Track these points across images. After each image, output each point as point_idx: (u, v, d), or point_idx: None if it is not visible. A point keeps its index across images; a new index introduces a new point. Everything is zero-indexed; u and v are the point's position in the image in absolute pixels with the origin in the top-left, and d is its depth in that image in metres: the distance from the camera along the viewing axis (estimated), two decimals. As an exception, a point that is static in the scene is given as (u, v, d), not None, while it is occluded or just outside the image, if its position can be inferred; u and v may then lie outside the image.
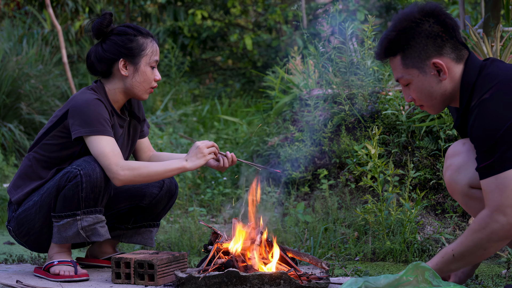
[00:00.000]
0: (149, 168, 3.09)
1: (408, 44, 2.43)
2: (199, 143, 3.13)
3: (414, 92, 2.48)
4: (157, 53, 3.26)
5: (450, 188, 2.50)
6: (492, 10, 5.31)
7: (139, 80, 3.21)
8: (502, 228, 2.28)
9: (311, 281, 2.86)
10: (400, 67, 2.48)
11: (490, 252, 2.37)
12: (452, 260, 2.40)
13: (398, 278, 2.32)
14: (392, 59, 2.50)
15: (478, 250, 2.35)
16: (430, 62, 2.42)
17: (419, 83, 2.46)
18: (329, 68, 5.11)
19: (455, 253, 2.38)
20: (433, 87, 2.45)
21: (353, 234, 4.05)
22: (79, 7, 10.20)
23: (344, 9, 8.48)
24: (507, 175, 2.27)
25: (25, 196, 3.24)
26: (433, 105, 2.49)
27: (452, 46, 2.43)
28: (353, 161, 4.45)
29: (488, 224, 2.30)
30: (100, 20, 3.22)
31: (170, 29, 10.44)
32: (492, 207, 2.29)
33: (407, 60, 2.45)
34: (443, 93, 2.45)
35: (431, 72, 2.43)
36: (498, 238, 2.30)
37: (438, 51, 2.42)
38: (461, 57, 2.45)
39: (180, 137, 6.47)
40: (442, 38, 2.41)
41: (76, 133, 3.10)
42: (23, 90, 7.67)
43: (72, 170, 3.10)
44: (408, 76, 2.47)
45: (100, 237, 3.19)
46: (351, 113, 4.80)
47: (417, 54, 2.43)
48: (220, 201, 5.14)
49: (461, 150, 2.50)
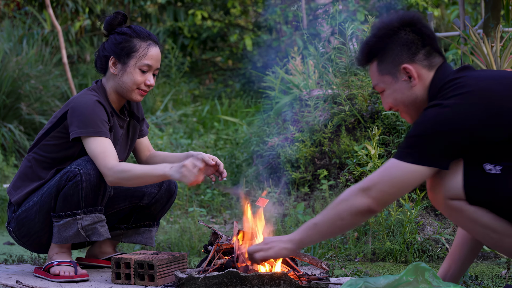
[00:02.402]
0: (133, 171, 3.04)
1: (384, 50, 2.51)
2: (188, 162, 2.99)
3: (389, 98, 2.55)
4: (150, 58, 3.20)
5: (435, 205, 2.56)
6: (492, 10, 5.32)
7: (125, 80, 3.21)
8: (361, 205, 2.39)
9: (311, 282, 2.86)
10: (376, 74, 2.55)
11: (347, 225, 2.45)
12: (313, 229, 2.48)
13: (398, 278, 2.32)
14: (370, 65, 2.57)
15: (337, 220, 2.44)
16: (401, 68, 2.48)
17: (392, 89, 2.52)
18: (329, 69, 5.11)
19: (317, 223, 2.47)
20: (404, 93, 2.51)
21: (353, 234, 4.05)
22: (79, 7, 10.20)
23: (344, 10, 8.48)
24: (394, 165, 2.37)
25: (25, 196, 3.24)
26: (407, 111, 2.55)
27: (425, 53, 2.49)
28: (353, 161, 4.45)
29: (351, 197, 2.41)
30: (112, 17, 3.27)
31: (170, 29, 10.44)
32: (360, 184, 2.41)
33: (382, 66, 2.52)
34: (415, 99, 2.51)
35: (402, 78, 2.50)
36: (356, 213, 2.40)
37: (411, 58, 2.49)
38: (434, 64, 2.51)
39: None
40: (416, 46, 2.49)
41: (73, 134, 3.11)
42: (23, 91, 7.67)
43: (72, 170, 3.11)
44: (382, 83, 2.54)
45: (100, 236, 3.19)
46: (351, 113, 4.80)
47: (391, 60, 2.50)
48: (220, 201, 5.14)
49: None
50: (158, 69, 3.27)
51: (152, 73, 3.25)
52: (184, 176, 2.96)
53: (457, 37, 5.83)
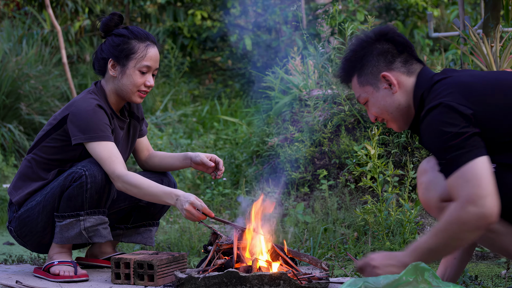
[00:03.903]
0: (142, 189, 3.07)
1: (362, 62, 2.56)
2: (188, 205, 2.99)
3: (373, 108, 2.58)
4: (149, 59, 3.20)
5: (425, 206, 2.56)
6: (491, 10, 5.31)
7: (125, 82, 3.21)
8: (474, 218, 2.29)
9: (311, 282, 2.86)
10: (357, 86, 2.59)
11: (466, 242, 2.38)
12: (430, 254, 2.43)
13: (397, 278, 2.32)
14: (352, 80, 2.61)
15: (453, 242, 2.37)
16: (381, 76, 2.53)
17: (374, 99, 2.56)
18: (329, 69, 5.11)
19: (431, 247, 2.40)
20: (387, 101, 2.54)
21: (353, 234, 4.05)
22: (79, 7, 10.20)
23: (344, 10, 8.47)
24: (470, 167, 2.30)
25: (26, 196, 3.24)
26: (393, 119, 2.57)
27: (402, 61, 2.54)
28: (353, 161, 4.45)
29: (460, 215, 2.31)
30: (108, 18, 3.26)
31: (169, 29, 10.44)
32: (461, 199, 2.31)
33: (361, 78, 2.57)
34: (398, 106, 2.54)
35: (383, 87, 2.54)
36: (471, 229, 2.31)
37: (388, 66, 2.53)
38: (413, 70, 2.54)
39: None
40: (392, 54, 2.54)
41: (76, 139, 3.12)
42: (23, 91, 7.67)
43: (77, 171, 3.11)
44: (364, 94, 2.58)
45: (102, 238, 3.19)
46: (351, 113, 4.80)
47: (370, 71, 2.55)
48: (219, 201, 5.14)
49: (426, 168, 2.57)
50: (157, 69, 3.27)
51: (152, 73, 3.25)
52: (187, 217, 3.01)
53: (457, 37, 5.83)
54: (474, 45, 4.37)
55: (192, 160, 3.37)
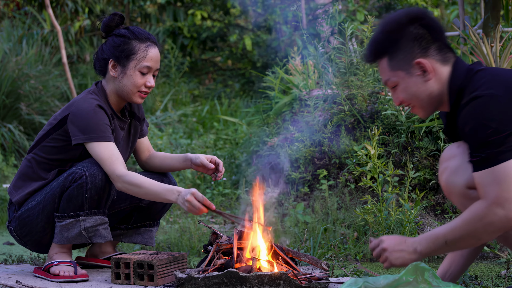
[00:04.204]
0: (143, 188, 3.06)
1: (395, 46, 2.48)
2: (189, 196, 2.97)
3: (401, 93, 2.53)
4: (149, 59, 3.20)
5: (447, 191, 2.51)
6: (491, 10, 5.32)
7: (126, 83, 3.21)
8: (499, 220, 2.29)
9: (311, 281, 2.86)
10: (387, 70, 2.52)
11: (483, 242, 2.38)
12: (443, 246, 2.41)
13: (397, 278, 2.32)
14: (379, 61, 2.54)
15: (471, 239, 2.36)
16: (414, 62, 2.46)
17: (405, 84, 2.50)
18: (329, 69, 5.11)
19: (448, 240, 2.39)
20: (419, 88, 2.49)
21: (353, 234, 4.05)
22: (79, 7, 10.20)
23: (344, 10, 8.48)
24: (504, 168, 2.28)
25: (26, 196, 3.25)
26: (422, 106, 2.53)
27: (437, 48, 2.48)
28: (353, 161, 4.45)
29: (486, 215, 2.30)
30: (109, 18, 3.25)
31: (169, 29, 10.44)
32: (490, 199, 2.30)
33: (393, 62, 2.50)
34: (430, 94, 2.49)
35: (416, 73, 2.48)
36: (494, 230, 2.31)
37: (423, 53, 2.47)
38: (447, 59, 2.49)
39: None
40: (427, 40, 2.47)
41: (76, 140, 3.12)
42: (23, 91, 7.67)
43: (78, 171, 3.11)
44: (394, 78, 2.51)
45: (102, 238, 3.19)
46: (351, 113, 4.80)
47: (403, 56, 2.48)
48: (219, 201, 5.14)
49: (456, 153, 2.52)
50: (157, 70, 3.27)
51: (152, 74, 3.25)
52: (189, 209, 2.98)
53: (457, 37, 5.83)
54: (474, 45, 4.37)
55: (192, 161, 3.38)
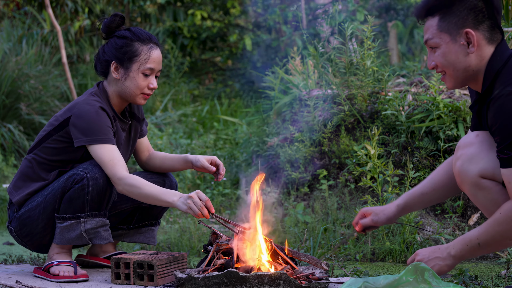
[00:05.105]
0: (143, 191, 3.05)
1: (451, 8, 2.44)
2: (193, 193, 2.99)
3: (439, 57, 2.49)
4: (152, 61, 3.20)
5: (460, 178, 2.48)
6: (491, 10, 5.31)
7: (129, 85, 3.20)
8: None
9: (311, 281, 2.86)
10: (434, 29, 2.48)
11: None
12: (477, 249, 2.39)
13: (397, 278, 2.32)
14: (429, 18, 2.49)
15: (505, 240, 2.35)
16: (464, 31, 2.43)
17: (447, 49, 2.46)
18: (329, 69, 5.10)
19: (481, 242, 2.38)
20: (459, 57, 2.45)
21: (353, 234, 4.05)
22: (79, 7, 10.20)
23: (344, 10, 8.47)
24: None
25: (27, 197, 3.24)
26: (454, 76, 2.48)
27: (489, 25, 2.44)
28: (353, 161, 4.45)
29: None
30: (110, 19, 3.24)
31: (169, 29, 10.44)
32: None
33: (443, 23, 2.46)
34: (467, 67, 2.46)
35: (461, 42, 2.44)
36: None
37: (475, 25, 2.43)
38: (494, 39, 2.46)
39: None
40: (483, 15, 2.43)
41: (78, 142, 3.12)
42: (23, 91, 7.66)
43: (79, 173, 3.11)
44: (438, 39, 2.48)
45: (103, 240, 3.20)
46: (351, 113, 4.80)
47: (455, 21, 2.44)
48: (219, 201, 5.14)
49: (473, 141, 2.49)
50: (160, 71, 3.27)
51: (155, 75, 3.26)
52: (190, 209, 2.97)
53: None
54: (474, 45, 4.37)
55: (193, 164, 3.38)
